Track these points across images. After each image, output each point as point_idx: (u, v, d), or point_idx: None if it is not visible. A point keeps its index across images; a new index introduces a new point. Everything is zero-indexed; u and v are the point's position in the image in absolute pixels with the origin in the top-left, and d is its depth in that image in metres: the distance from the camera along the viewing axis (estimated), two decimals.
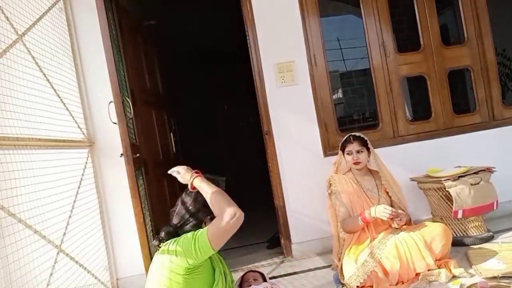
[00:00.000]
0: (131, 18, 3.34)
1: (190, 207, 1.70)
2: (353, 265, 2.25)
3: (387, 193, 2.55)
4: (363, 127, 5.14)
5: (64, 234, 2.28)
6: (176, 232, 1.66)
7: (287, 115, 3.05)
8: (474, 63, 3.29)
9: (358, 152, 2.52)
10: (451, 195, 2.62)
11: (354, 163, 2.53)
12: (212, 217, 1.63)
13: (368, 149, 2.56)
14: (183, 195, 1.76)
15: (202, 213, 1.68)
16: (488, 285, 1.92)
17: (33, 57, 2.24)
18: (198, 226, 1.67)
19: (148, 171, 3.05)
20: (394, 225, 2.31)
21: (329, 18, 5.08)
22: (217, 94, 7.99)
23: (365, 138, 2.58)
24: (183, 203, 1.73)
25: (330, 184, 2.61)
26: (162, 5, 4.57)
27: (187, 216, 1.69)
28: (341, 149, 2.62)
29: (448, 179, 2.64)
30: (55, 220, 2.17)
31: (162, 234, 1.65)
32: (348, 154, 2.56)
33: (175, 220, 1.70)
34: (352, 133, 2.61)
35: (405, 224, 2.36)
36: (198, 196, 1.70)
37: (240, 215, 1.53)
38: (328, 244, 2.85)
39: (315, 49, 3.10)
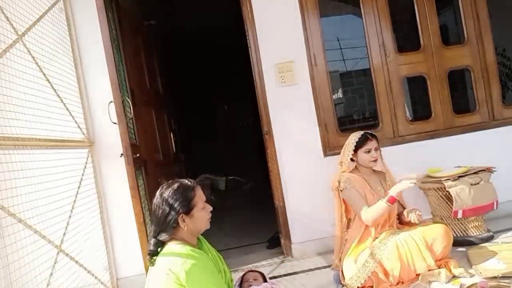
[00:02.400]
0: (131, 18, 3.34)
1: (169, 199, 1.61)
2: (353, 265, 2.25)
3: None
4: (363, 127, 5.12)
5: (64, 234, 2.28)
6: (161, 242, 1.60)
7: (287, 115, 3.05)
8: (474, 63, 3.28)
9: (376, 149, 2.46)
10: (451, 195, 2.62)
11: (373, 161, 2.45)
12: (187, 213, 1.59)
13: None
14: (163, 188, 1.67)
15: (178, 204, 1.59)
16: (488, 285, 1.92)
17: (33, 57, 2.24)
18: (174, 221, 1.58)
19: (148, 171, 3.05)
20: (413, 219, 2.27)
21: (329, 18, 5.07)
22: (217, 94, 7.99)
23: (377, 136, 2.54)
24: (161, 194, 1.64)
25: (339, 182, 2.48)
26: (162, 4, 4.57)
27: (165, 210, 1.59)
28: (355, 149, 2.49)
29: (448, 179, 2.65)
30: (55, 220, 2.16)
31: (151, 247, 1.59)
32: (366, 152, 2.45)
33: (153, 225, 1.63)
34: (366, 131, 2.51)
35: (416, 224, 2.34)
36: (180, 188, 1.63)
37: None
38: (328, 244, 2.85)
39: (315, 49, 3.10)
